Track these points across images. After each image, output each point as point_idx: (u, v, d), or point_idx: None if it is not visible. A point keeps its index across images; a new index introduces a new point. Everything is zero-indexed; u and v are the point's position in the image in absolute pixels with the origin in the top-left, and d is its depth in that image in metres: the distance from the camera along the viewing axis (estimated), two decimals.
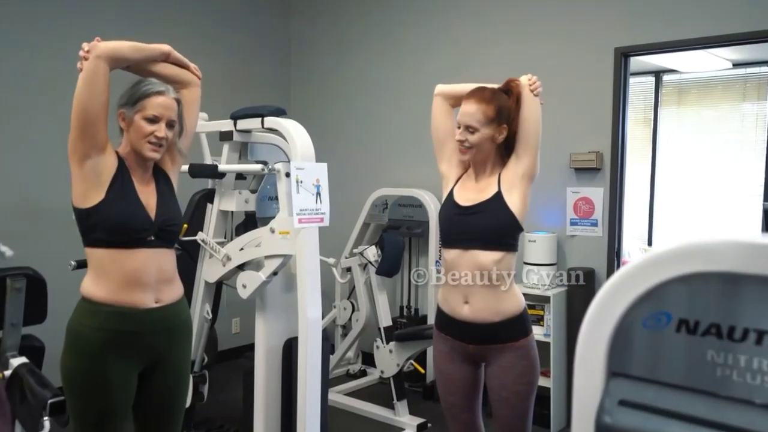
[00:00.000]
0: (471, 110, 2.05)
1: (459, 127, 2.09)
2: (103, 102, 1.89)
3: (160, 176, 2.10)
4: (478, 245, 2.07)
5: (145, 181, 2.04)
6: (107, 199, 1.91)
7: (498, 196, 2.06)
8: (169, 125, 1.98)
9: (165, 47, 2.09)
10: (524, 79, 2.09)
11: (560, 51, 3.88)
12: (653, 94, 5.58)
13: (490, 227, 2.06)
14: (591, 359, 0.80)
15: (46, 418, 2.09)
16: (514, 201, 2.06)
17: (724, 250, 0.70)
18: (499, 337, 2.08)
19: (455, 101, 2.18)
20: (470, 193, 2.12)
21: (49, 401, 1.98)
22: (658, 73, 5.50)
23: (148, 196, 2.02)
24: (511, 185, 2.07)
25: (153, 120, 1.95)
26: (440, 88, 2.24)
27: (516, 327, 2.10)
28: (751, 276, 0.69)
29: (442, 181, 2.25)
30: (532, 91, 2.07)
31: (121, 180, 1.96)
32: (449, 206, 2.16)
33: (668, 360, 0.75)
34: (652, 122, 5.58)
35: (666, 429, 0.73)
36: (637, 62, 4.10)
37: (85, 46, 1.89)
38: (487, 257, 2.05)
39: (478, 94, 2.08)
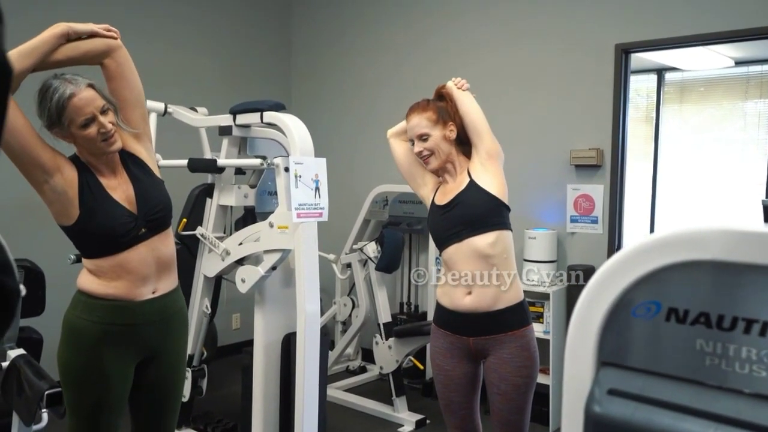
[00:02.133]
0: (416, 121, 2.21)
1: (413, 143, 2.23)
2: (21, 130, 1.74)
3: (128, 161, 1.97)
4: (469, 233, 2.11)
5: (115, 176, 1.94)
6: (83, 214, 1.85)
7: (471, 184, 2.16)
8: (104, 112, 1.83)
9: (59, 29, 1.82)
10: (450, 83, 2.26)
11: (560, 47, 3.87)
12: (655, 92, 5.56)
13: (473, 211, 2.12)
14: (581, 349, 0.80)
15: (44, 410, 2.09)
16: (488, 182, 2.15)
17: (714, 238, 0.70)
18: (499, 326, 2.10)
19: (405, 134, 2.33)
20: (448, 194, 2.21)
21: (46, 392, 1.98)
22: (660, 71, 5.48)
23: (123, 189, 1.93)
24: (481, 171, 2.17)
25: (88, 123, 1.81)
26: (389, 132, 2.42)
27: (516, 316, 2.13)
28: (740, 264, 0.69)
29: (425, 203, 2.34)
30: (459, 88, 2.23)
31: (89, 188, 1.87)
32: (433, 211, 2.26)
33: (658, 349, 0.75)
34: (654, 120, 5.57)
35: (655, 418, 0.73)
36: (638, 60, 4.09)
37: None
38: (482, 241, 2.10)
39: (415, 107, 2.25)
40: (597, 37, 3.72)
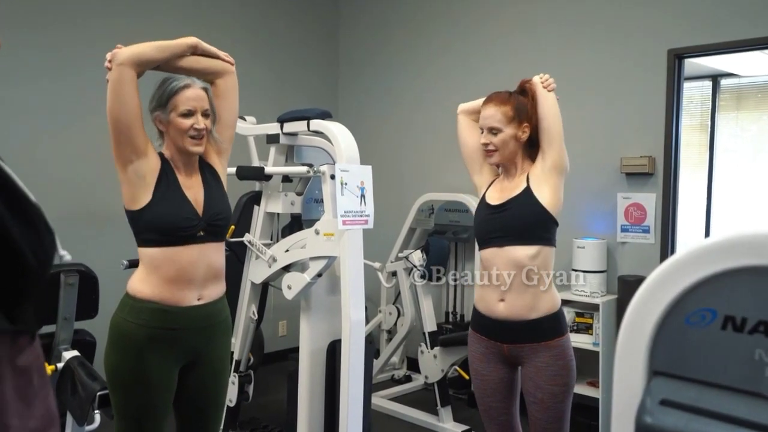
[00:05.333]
0: (491, 113, 2.13)
1: (482, 132, 2.15)
2: (133, 108, 1.89)
3: (205, 169, 2.10)
4: (511, 241, 2.08)
5: (191, 177, 2.05)
6: (154, 200, 1.94)
7: (527, 191, 2.09)
8: (205, 115, 2.00)
9: (191, 40, 2.04)
10: (536, 78, 2.15)
11: (612, 53, 3.80)
12: (710, 99, 5.40)
13: (521, 221, 2.08)
14: (632, 357, 0.78)
15: (96, 411, 2.15)
16: (543, 195, 2.08)
17: None
18: (533, 335, 2.07)
19: (477, 115, 2.24)
20: (501, 193, 2.17)
21: (98, 393, 2.03)
22: (715, 78, 5.33)
23: (195, 191, 2.03)
24: (540, 180, 2.10)
25: (188, 114, 1.96)
26: (461, 106, 2.34)
27: (551, 326, 2.09)
28: None
29: (476, 191, 2.30)
30: (545, 87, 2.12)
31: (166, 180, 1.98)
32: (481, 207, 2.22)
33: (713, 359, 0.72)
34: (709, 128, 5.40)
35: (709, 431, 0.70)
36: (693, 66, 3.97)
37: (108, 55, 1.89)
38: (522, 252, 2.06)
39: (495, 97, 2.15)
40: (649, 42, 3.64)
